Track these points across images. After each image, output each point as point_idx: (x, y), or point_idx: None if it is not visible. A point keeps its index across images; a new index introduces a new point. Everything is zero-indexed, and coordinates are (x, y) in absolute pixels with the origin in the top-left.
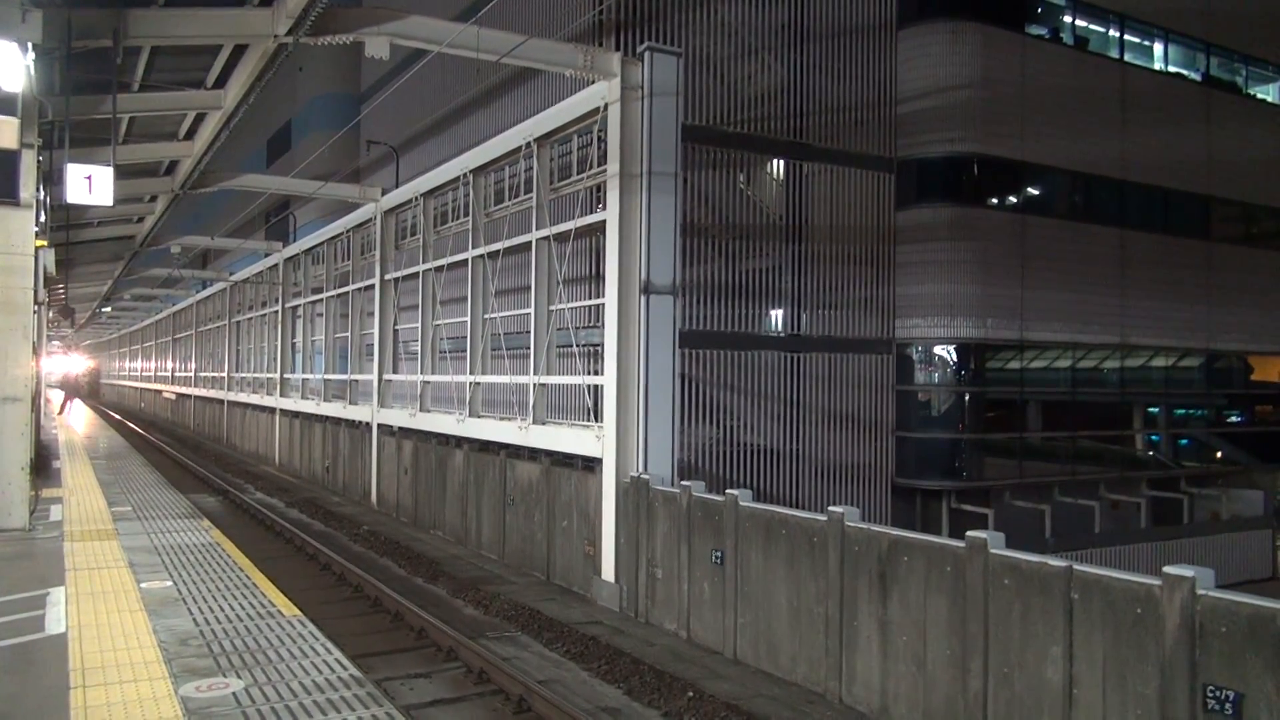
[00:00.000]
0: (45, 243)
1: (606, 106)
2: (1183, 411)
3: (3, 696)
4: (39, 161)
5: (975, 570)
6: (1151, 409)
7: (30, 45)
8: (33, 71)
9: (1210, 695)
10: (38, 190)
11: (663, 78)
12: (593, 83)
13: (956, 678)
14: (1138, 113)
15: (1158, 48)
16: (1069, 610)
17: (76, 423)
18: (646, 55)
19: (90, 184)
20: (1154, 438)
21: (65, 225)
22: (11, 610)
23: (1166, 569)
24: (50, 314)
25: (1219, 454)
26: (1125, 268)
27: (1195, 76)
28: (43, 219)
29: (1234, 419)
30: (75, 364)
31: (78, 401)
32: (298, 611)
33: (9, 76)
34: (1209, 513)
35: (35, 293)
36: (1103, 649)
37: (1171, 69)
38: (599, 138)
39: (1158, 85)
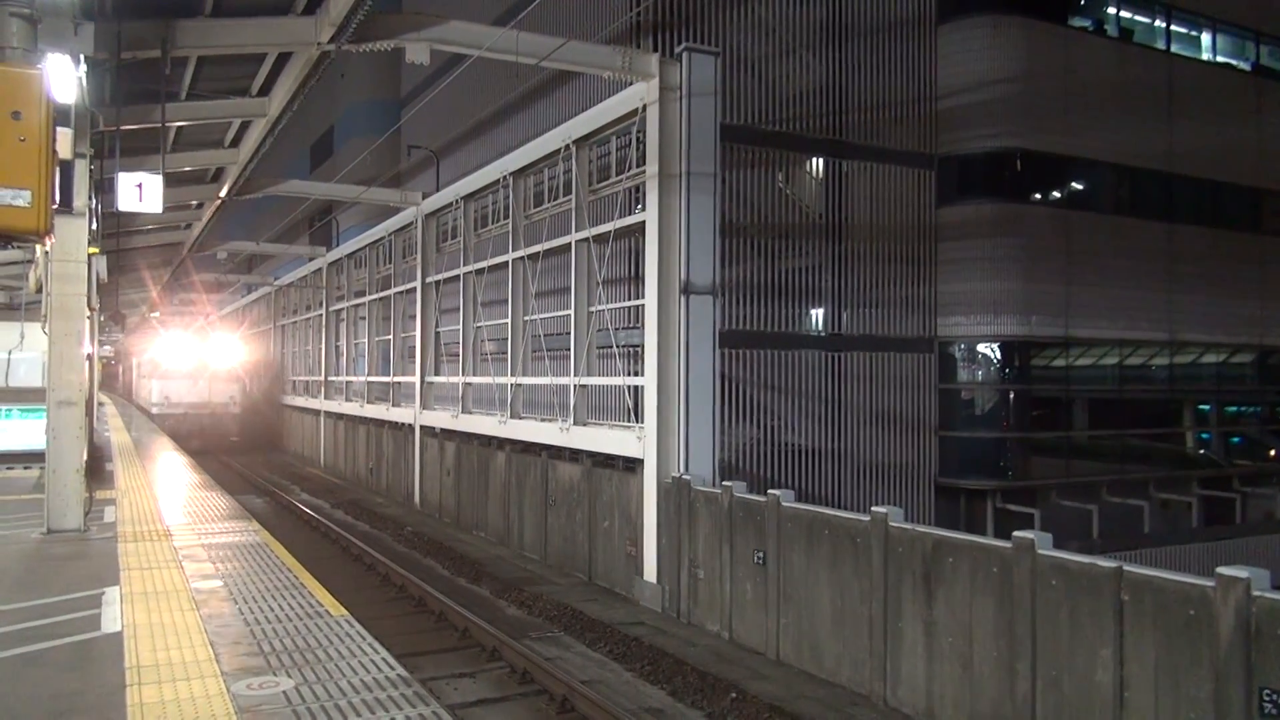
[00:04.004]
0: (97, 250)
1: (645, 107)
2: (1234, 409)
3: (65, 693)
4: (91, 170)
5: (1023, 571)
6: (1202, 406)
7: (82, 57)
8: (84, 83)
9: (1267, 699)
10: (90, 199)
11: (701, 78)
12: (631, 84)
13: (1004, 680)
14: (1185, 104)
15: (1205, 37)
16: (1119, 612)
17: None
18: (684, 56)
19: (141, 192)
20: (1205, 435)
21: (116, 232)
22: (70, 609)
23: (1220, 569)
24: (102, 319)
25: (1272, 452)
26: (1173, 262)
27: (1245, 66)
28: (94, 227)
29: None
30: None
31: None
32: (345, 611)
33: (63, 89)
34: (1263, 512)
35: (89, 299)
36: (1154, 651)
37: (1220, 59)
38: (638, 139)
39: (1205, 76)
